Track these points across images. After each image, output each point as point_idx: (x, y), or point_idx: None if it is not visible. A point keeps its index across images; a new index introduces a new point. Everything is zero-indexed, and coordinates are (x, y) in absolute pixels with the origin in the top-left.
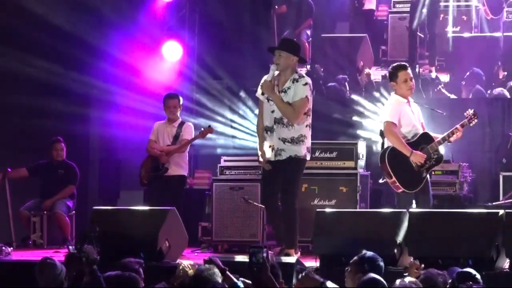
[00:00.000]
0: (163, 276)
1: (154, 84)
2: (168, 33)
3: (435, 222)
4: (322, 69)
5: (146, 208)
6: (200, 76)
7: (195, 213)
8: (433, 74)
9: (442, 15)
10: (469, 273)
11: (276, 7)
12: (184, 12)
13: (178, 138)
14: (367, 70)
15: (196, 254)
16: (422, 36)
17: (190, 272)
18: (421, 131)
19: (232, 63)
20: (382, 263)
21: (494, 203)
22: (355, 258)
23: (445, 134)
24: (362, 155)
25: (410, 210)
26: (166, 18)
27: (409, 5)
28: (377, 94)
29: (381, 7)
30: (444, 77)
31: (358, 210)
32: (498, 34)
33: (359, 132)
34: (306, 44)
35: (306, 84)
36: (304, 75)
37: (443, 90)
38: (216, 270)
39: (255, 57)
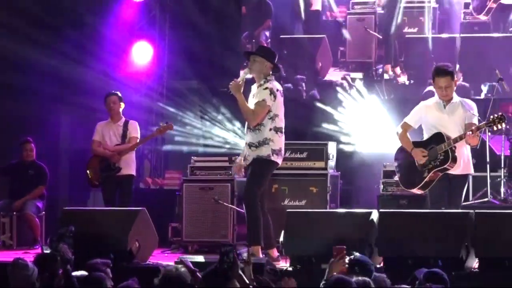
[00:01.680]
0: (132, 277)
1: (124, 85)
2: (138, 33)
3: (405, 222)
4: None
5: (116, 208)
6: (170, 76)
7: (165, 214)
8: (390, 74)
9: (399, 16)
10: (436, 273)
11: None
12: (155, 13)
13: (126, 136)
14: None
15: (166, 254)
16: (381, 37)
17: None
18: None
19: (202, 63)
20: (372, 267)
21: (464, 203)
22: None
23: (457, 135)
24: (333, 155)
25: (381, 210)
26: (136, 19)
27: (367, 6)
28: (335, 95)
29: (339, 8)
30: (403, 78)
31: (328, 210)
32: (455, 35)
33: (317, 133)
34: (265, 45)
35: (266, 88)
36: (271, 80)
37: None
38: (186, 271)
39: (225, 57)
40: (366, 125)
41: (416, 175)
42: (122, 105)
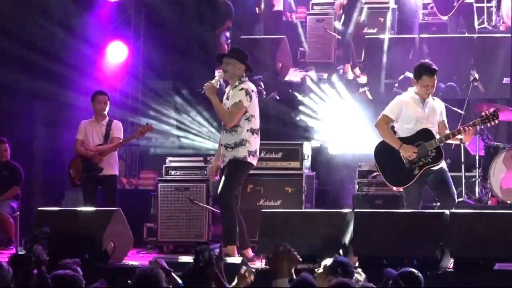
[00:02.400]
0: (107, 277)
1: (100, 84)
2: (113, 33)
3: (380, 222)
4: None
5: (91, 208)
6: (145, 76)
7: (140, 214)
8: (350, 75)
9: (358, 17)
10: (411, 272)
11: None
12: (130, 13)
13: (109, 136)
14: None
15: (141, 255)
16: (340, 37)
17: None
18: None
19: (177, 63)
20: (352, 269)
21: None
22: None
23: (449, 132)
24: (308, 155)
25: (356, 210)
26: (111, 19)
27: (327, 7)
28: (295, 95)
29: (299, 8)
30: (363, 79)
31: (303, 210)
32: (414, 36)
33: (288, 133)
34: (225, 45)
35: (242, 89)
36: (245, 81)
37: (367, 93)
38: (161, 271)
39: (200, 57)
40: (337, 125)
41: (404, 173)
42: (108, 105)
